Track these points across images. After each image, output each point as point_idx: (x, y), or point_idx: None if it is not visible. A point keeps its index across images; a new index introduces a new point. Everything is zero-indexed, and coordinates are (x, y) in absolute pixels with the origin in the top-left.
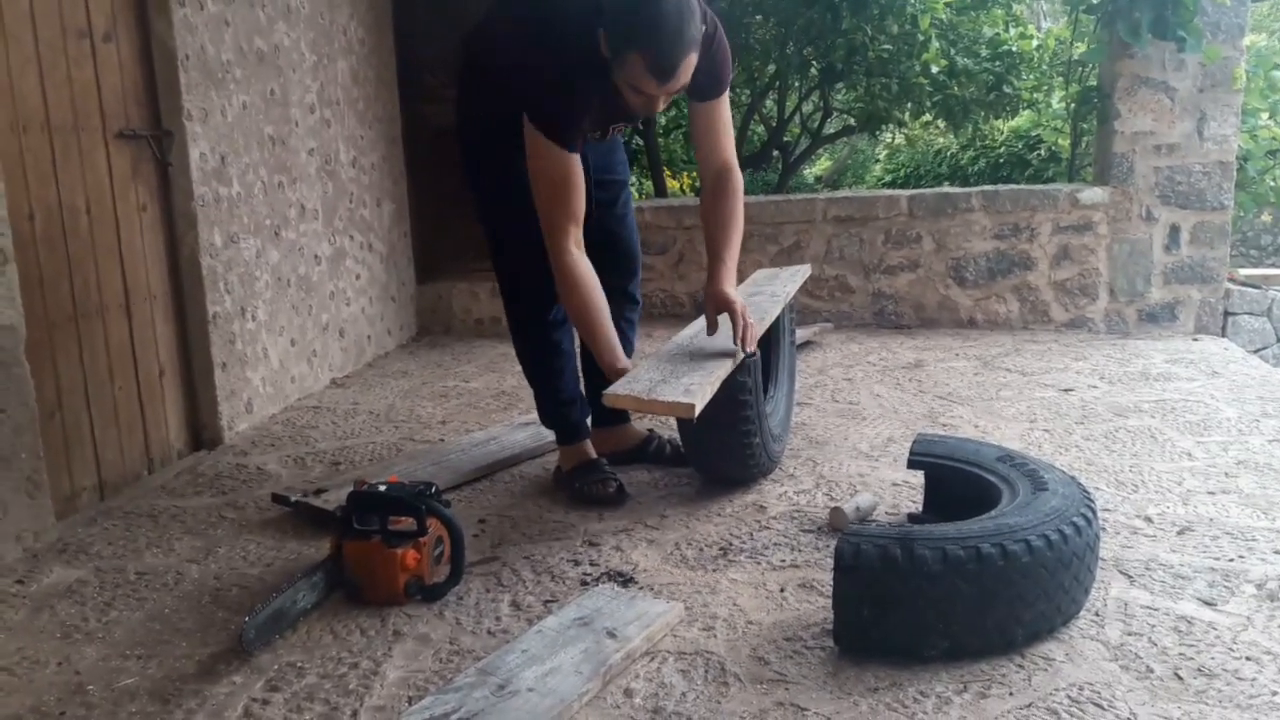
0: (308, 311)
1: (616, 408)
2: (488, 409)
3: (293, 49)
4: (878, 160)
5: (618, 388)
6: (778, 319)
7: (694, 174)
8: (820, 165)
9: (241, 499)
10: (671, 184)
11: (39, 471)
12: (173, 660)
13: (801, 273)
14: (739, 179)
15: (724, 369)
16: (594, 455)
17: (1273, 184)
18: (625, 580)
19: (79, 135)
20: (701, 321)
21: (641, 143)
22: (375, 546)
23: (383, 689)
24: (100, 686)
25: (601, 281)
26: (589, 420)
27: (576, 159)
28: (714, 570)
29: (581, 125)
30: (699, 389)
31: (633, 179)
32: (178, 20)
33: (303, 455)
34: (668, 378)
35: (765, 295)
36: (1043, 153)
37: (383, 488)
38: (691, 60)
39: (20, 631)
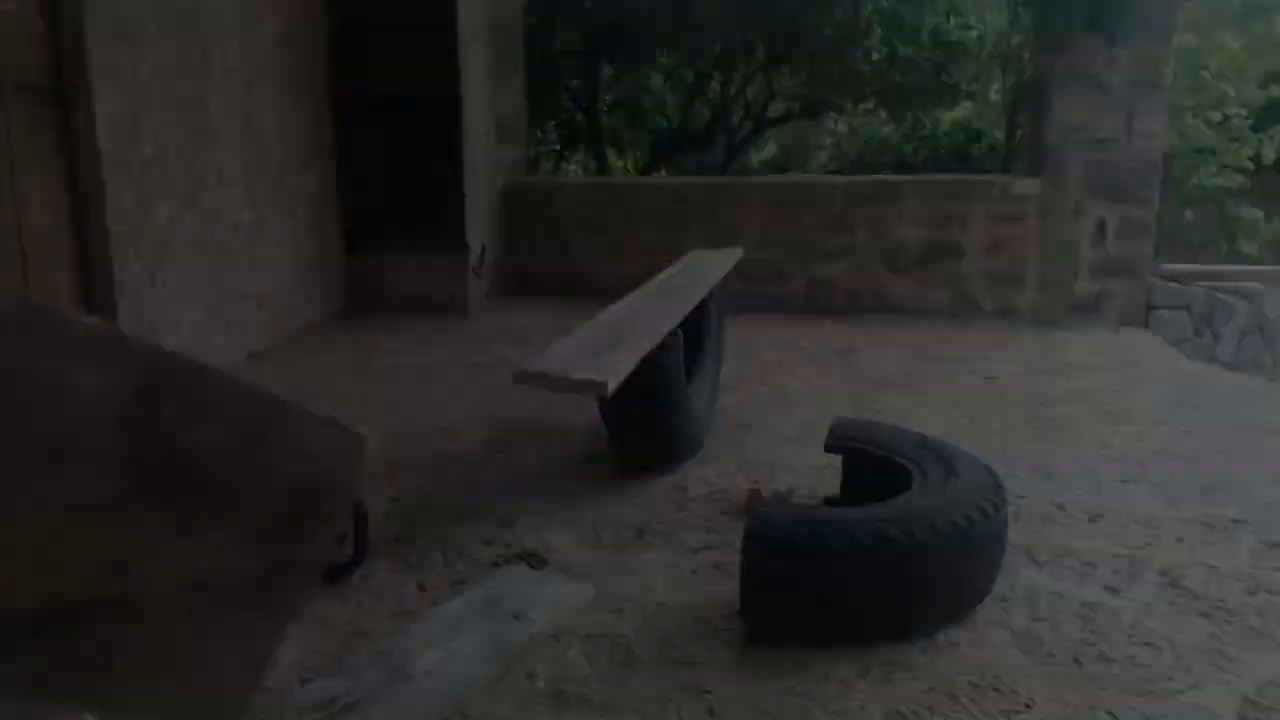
0: (225, 281)
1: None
2: (409, 383)
3: (215, 7)
4: (821, 148)
5: (530, 364)
6: (703, 301)
7: (638, 151)
8: (767, 152)
9: None
10: (615, 162)
11: None
12: None
13: (733, 255)
14: None
15: (643, 348)
16: None
17: (1198, 183)
18: (538, 562)
19: None
20: (626, 301)
21: (584, 120)
22: None
23: (272, 671)
24: None
25: None
26: None
27: None
28: (628, 552)
29: None
30: (613, 367)
31: (577, 156)
32: None
33: None
34: (584, 355)
35: (693, 278)
36: (983, 146)
37: None
38: None
39: None
